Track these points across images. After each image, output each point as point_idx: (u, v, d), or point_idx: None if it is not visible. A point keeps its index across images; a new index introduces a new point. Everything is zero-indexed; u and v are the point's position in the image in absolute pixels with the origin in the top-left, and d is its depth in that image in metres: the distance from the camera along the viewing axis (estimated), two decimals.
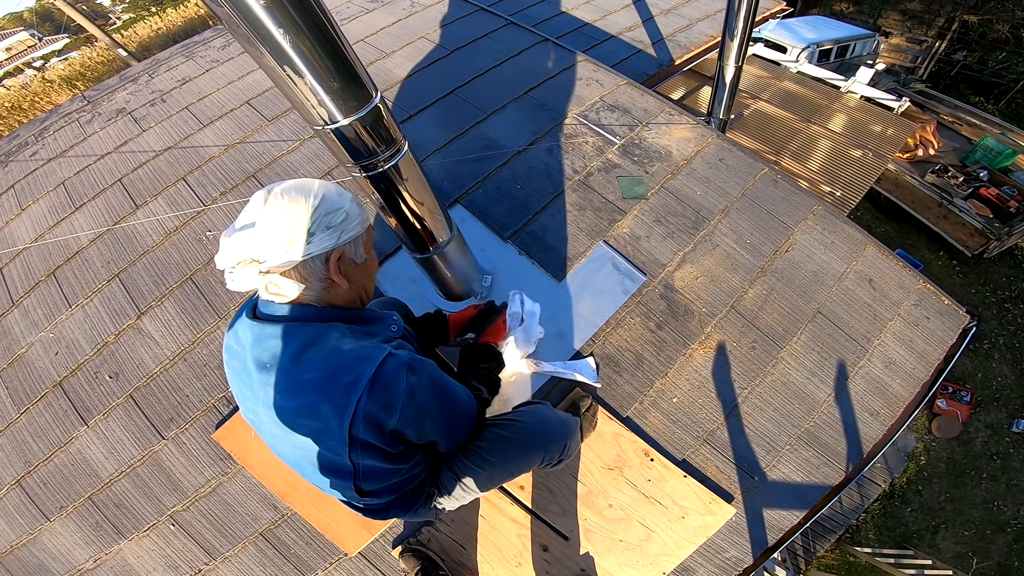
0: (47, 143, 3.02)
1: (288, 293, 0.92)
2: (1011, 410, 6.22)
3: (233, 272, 0.88)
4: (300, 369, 0.89)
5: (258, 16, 0.93)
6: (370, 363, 0.88)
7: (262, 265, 0.88)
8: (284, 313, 0.94)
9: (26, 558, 1.93)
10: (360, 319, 1.02)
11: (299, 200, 0.89)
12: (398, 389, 0.90)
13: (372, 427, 0.89)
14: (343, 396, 0.87)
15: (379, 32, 3.38)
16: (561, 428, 1.48)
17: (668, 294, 2.18)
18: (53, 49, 24.46)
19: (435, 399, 1.00)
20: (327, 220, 0.91)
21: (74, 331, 2.26)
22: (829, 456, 1.96)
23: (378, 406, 0.88)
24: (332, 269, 0.94)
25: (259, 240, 0.87)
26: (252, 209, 0.89)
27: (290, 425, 0.93)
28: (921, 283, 2.30)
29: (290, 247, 0.88)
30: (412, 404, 0.92)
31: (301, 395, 0.89)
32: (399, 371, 0.90)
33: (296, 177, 2.49)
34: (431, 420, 1.00)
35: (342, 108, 1.15)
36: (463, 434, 1.18)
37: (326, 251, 0.92)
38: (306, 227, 0.88)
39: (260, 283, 0.91)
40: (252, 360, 0.93)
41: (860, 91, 5.70)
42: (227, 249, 0.88)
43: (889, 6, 11.37)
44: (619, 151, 2.63)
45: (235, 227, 0.89)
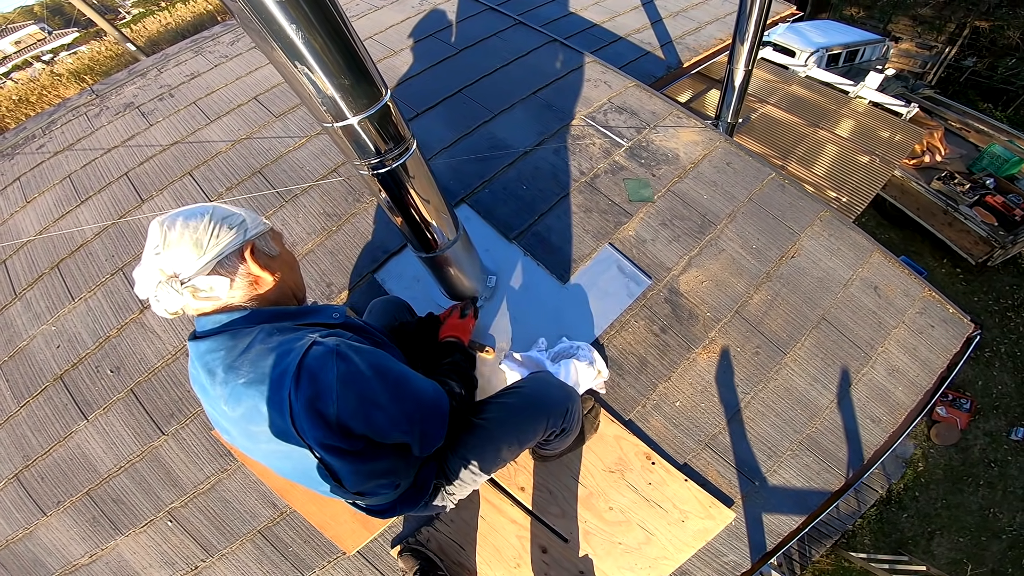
0: (54, 136, 3.03)
1: (218, 293, 0.93)
2: (1010, 418, 6.23)
3: (157, 294, 0.90)
4: (235, 376, 0.90)
5: (271, 11, 0.93)
6: (294, 355, 0.87)
7: (181, 275, 0.89)
8: (214, 326, 0.94)
9: (21, 552, 1.93)
10: (294, 314, 1.01)
11: (195, 215, 0.92)
12: (327, 377, 0.86)
13: (315, 421, 0.86)
14: (275, 392, 0.86)
15: (387, 30, 3.38)
16: (563, 392, 1.46)
17: (673, 298, 2.18)
18: (62, 43, 24.53)
19: (382, 388, 0.94)
20: (227, 221, 0.94)
21: (76, 324, 2.26)
22: (830, 462, 1.96)
23: (309, 397, 0.85)
24: (250, 262, 0.96)
25: (169, 255, 0.89)
26: (151, 237, 0.91)
27: (248, 434, 0.93)
28: (926, 291, 2.30)
29: (199, 251, 0.90)
30: (349, 392, 0.88)
31: (242, 402, 0.89)
32: (325, 359, 0.87)
33: (302, 172, 2.52)
34: (380, 412, 0.94)
35: (352, 105, 1.15)
36: (435, 430, 1.10)
37: (237, 246, 0.94)
38: (209, 231, 0.91)
39: (186, 295, 0.91)
40: (204, 379, 0.94)
41: (869, 96, 5.69)
42: (142, 277, 0.90)
43: (900, 11, 11.31)
44: (626, 153, 2.62)
45: (140, 260, 0.92)
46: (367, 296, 2.16)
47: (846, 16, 11.81)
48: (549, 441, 1.48)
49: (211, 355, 0.93)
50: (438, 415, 1.10)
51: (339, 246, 2.32)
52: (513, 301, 2.14)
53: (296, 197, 2.47)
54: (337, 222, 2.38)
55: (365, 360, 0.93)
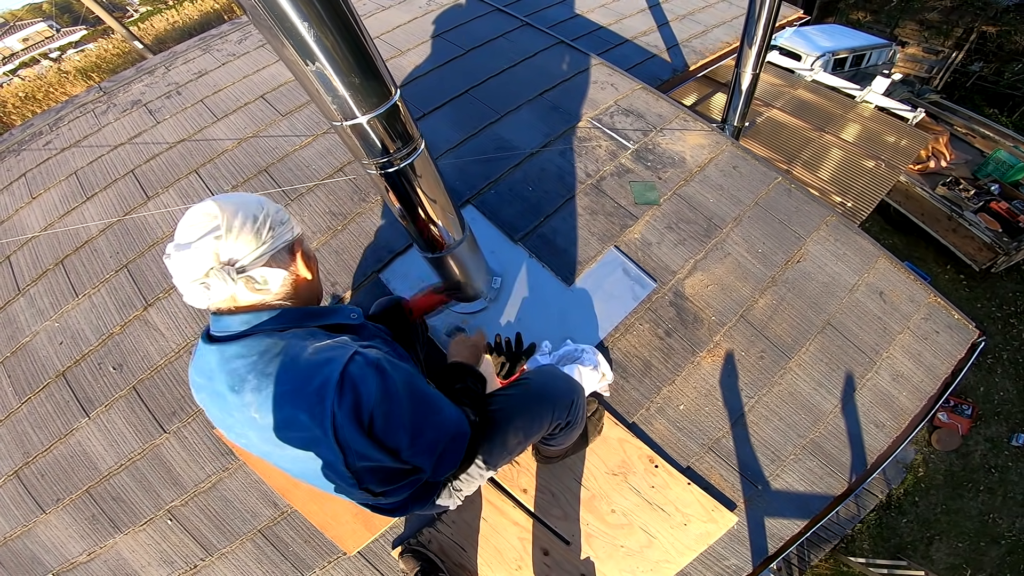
0: (61, 133, 3.03)
1: (271, 286, 0.91)
2: (1012, 424, 6.22)
3: (206, 281, 0.85)
4: (270, 383, 0.86)
5: (283, 8, 0.93)
6: (335, 364, 0.85)
7: (238, 263, 0.86)
8: (241, 328, 0.90)
9: (19, 550, 1.92)
10: (319, 314, 1.00)
11: (248, 200, 0.90)
12: (368, 387, 0.85)
13: (356, 430, 0.85)
14: (317, 403, 0.84)
15: (395, 30, 3.38)
16: (567, 384, 1.46)
17: (678, 301, 2.19)
18: (70, 40, 24.66)
19: (411, 411, 0.92)
20: (278, 216, 0.93)
21: (79, 321, 2.26)
22: (833, 467, 1.97)
23: (351, 407, 0.84)
24: (299, 260, 0.95)
25: (230, 239, 0.85)
26: (202, 219, 0.85)
27: (280, 441, 0.89)
28: (932, 297, 2.30)
29: (258, 240, 0.88)
30: (384, 408, 0.86)
31: (278, 410, 0.86)
32: (366, 370, 0.86)
33: (308, 171, 2.52)
34: (405, 434, 0.91)
35: (362, 104, 1.14)
36: (452, 458, 1.05)
37: (291, 240, 0.94)
38: (267, 222, 0.89)
39: (240, 285, 0.87)
40: (224, 386, 0.89)
41: (875, 101, 5.67)
42: (191, 262, 0.84)
43: (907, 16, 11.28)
44: (632, 156, 2.62)
45: (186, 240, 0.85)
46: (371, 296, 2.16)
47: (853, 20, 11.78)
48: (554, 435, 1.47)
49: (241, 360, 0.89)
50: (459, 445, 1.06)
51: (344, 245, 2.32)
52: (518, 303, 2.14)
53: (302, 196, 2.48)
54: (343, 221, 2.39)
55: (401, 378, 0.91)
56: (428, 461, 0.98)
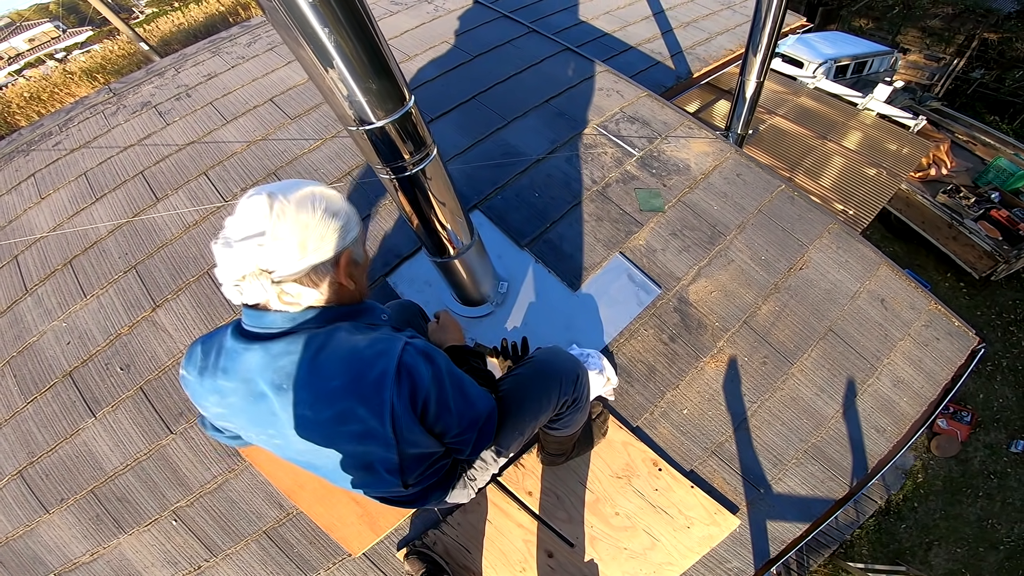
0: (71, 133, 3.06)
1: (303, 300, 0.89)
2: (1011, 431, 6.23)
3: (241, 284, 0.83)
4: (322, 378, 0.87)
5: (305, 13, 0.95)
6: (391, 356, 0.87)
7: (274, 274, 0.83)
8: (285, 326, 0.89)
9: (20, 550, 1.93)
10: (358, 311, 0.99)
11: (307, 205, 0.85)
12: (423, 376, 0.88)
13: (412, 420, 0.89)
14: (375, 395, 0.86)
15: (403, 35, 3.41)
16: (571, 360, 1.46)
17: (682, 307, 2.21)
18: (76, 41, 24.71)
19: (455, 393, 0.96)
20: (334, 222, 0.89)
21: (87, 321, 2.27)
22: (834, 471, 1.99)
23: (408, 397, 0.87)
24: (342, 272, 0.92)
25: (271, 248, 0.82)
26: (254, 216, 0.82)
27: (331, 436, 0.91)
28: (932, 304, 2.32)
29: (303, 253, 0.85)
30: (436, 392, 0.90)
31: (335, 403, 0.87)
32: (417, 358, 0.89)
33: (316, 175, 2.54)
34: (450, 416, 0.96)
35: (378, 109, 1.16)
36: (487, 435, 1.10)
37: (336, 253, 0.90)
38: (317, 231, 0.86)
39: (272, 293, 0.86)
40: (268, 385, 0.88)
41: (877, 108, 5.70)
42: (232, 261, 0.83)
43: (909, 23, 11.32)
44: (638, 163, 2.65)
45: (233, 237, 0.83)
46: (379, 300, 2.17)
47: (855, 27, 11.83)
48: (562, 415, 1.47)
49: (288, 357, 0.88)
50: (493, 422, 1.11)
51: None
52: (524, 308, 2.16)
53: None
54: None
55: (443, 363, 0.95)
56: (470, 439, 1.04)
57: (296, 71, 3.14)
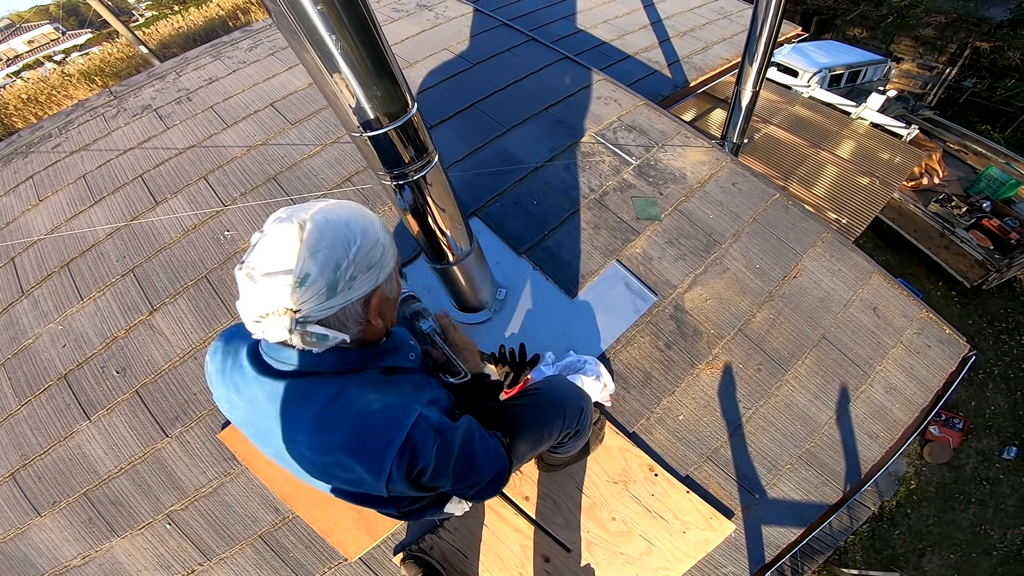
0: (71, 136, 3.05)
1: (327, 342, 0.82)
2: (1003, 437, 6.28)
3: (262, 322, 0.77)
4: (325, 429, 0.83)
5: (312, 19, 0.96)
6: (400, 428, 0.83)
7: (298, 315, 0.77)
8: (297, 366, 0.84)
9: (11, 552, 1.91)
10: (381, 353, 0.94)
11: (340, 240, 0.78)
12: (427, 453, 0.85)
13: (407, 484, 0.86)
14: (377, 460, 0.82)
15: (403, 42, 3.43)
16: (576, 392, 1.47)
17: (678, 315, 2.23)
18: (75, 43, 24.62)
19: (460, 463, 0.92)
20: (368, 260, 0.81)
21: (84, 324, 2.26)
22: (828, 476, 2.01)
23: (408, 467, 0.84)
24: (372, 312, 0.87)
25: (297, 289, 0.75)
26: (282, 249, 0.75)
27: (326, 476, 0.90)
28: (924, 312, 2.35)
29: (331, 295, 0.78)
30: (435, 466, 0.87)
31: (331, 455, 0.84)
32: (427, 434, 0.85)
33: (316, 180, 2.54)
34: (448, 480, 0.92)
35: (381, 116, 1.18)
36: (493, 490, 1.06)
37: (367, 294, 0.84)
38: (350, 272, 0.79)
39: (295, 335, 0.79)
40: (273, 419, 0.86)
41: (870, 117, 5.76)
42: (256, 296, 0.76)
43: (902, 32, 11.43)
44: (635, 171, 2.68)
45: (259, 269, 0.75)
46: None
47: (849, 37, 11.95)
48: (563, 443, 1.49)
49: (290, 402, 0.85)
50: (499, 480, 1.04)
51: None
52: (522, 314, 2.18)
53: None
54: None
55: (458, 437, 0.92)
56: (466, 493, 1.02)
57: (297, 76, 3.16)
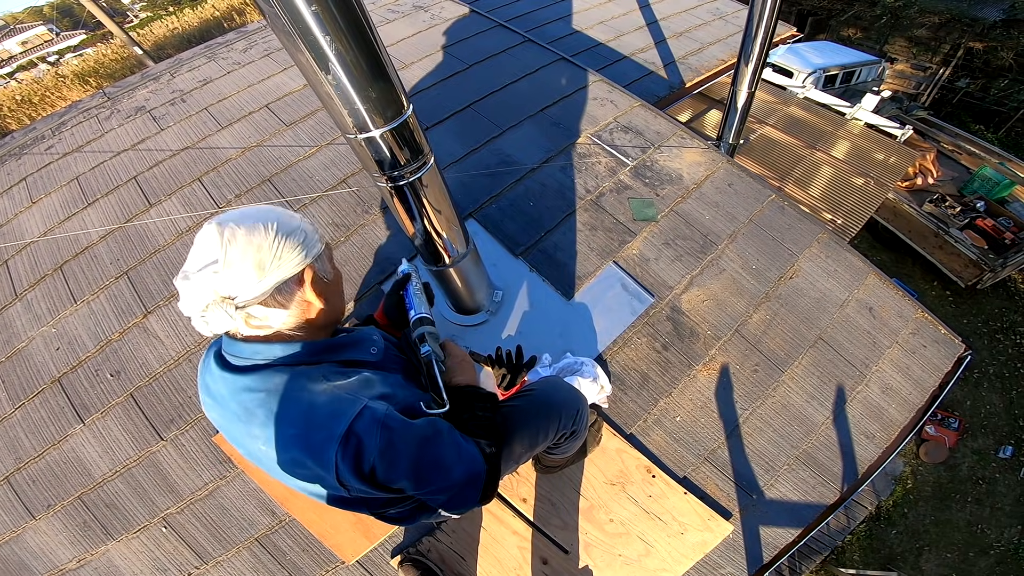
0: (64, 137, 3.03)
1: (272, 323, 0.89)
2: (998, 437, 6.31)
3: (205, 315, 0.83)
4: (279, 423, 0.86)
5: (306, 20, 0.95)
6: (342, 420, 0.83)
7: (236, 300, 0.83)
8: (252, 359, 0.88)
9: (6, 556, 1.90)
10: (336, 346, 0.97)
11: (258, 226, 0.84)
12: (369, 448, 0.84)
13: (358, 479, 0.85)
14: (322, 452, 0.84)
15: (399, 43, 3.42)
16: (572, 394, 1.47)
17: (675, 316, 2.23)
18: (69, 44, 24.54)
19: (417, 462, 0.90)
20: (291, 240, 0.87)
21: (77, 327, 2.24)
22: (825, 476, 2.01)
23: (352, 460, 0.84)
24: (308, 289, 0.91)
25: (227, 275, 0.81)
26: (206, 246, 0.82)
27: (290, 473, 0.91)
28: (920, 312, 2.36)
29: (262, 274, 0.83)
30: (386, 461, 0.86)
31: (286, 450, 0.87)
32: (371, 427, 0.84)
33: (311, 182, 2.54)
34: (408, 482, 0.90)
35: (377, 117, 1.16)
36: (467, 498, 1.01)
37: (298, 271, 0.89)
38: (273, 250, 0.84)
39: (239, 319, 0.85)
40: (234, 415, 0.90)
41: (864, 118, 5.79)
42: (192, 293, 0.82)
43: (897, 32, 11.50)
44: (631, 172, 2.68)
45: (190, 270, 0.82)
46: (372, 306, 2.18)
47: (843, 37, 12.01)
48: (559, 444, 1.49)
49: (250, 395, 0.87)
50: (473, 488, 1.01)
51: (347, 257, 2.35)
52: (519, 316, 2.17)
53: (305, 207, 2.50)
54: (346, 233, 2.41)
55: (410, 434, 0.90)
56: (438, 501, 0.99)
57: (292, 77, 3.15)
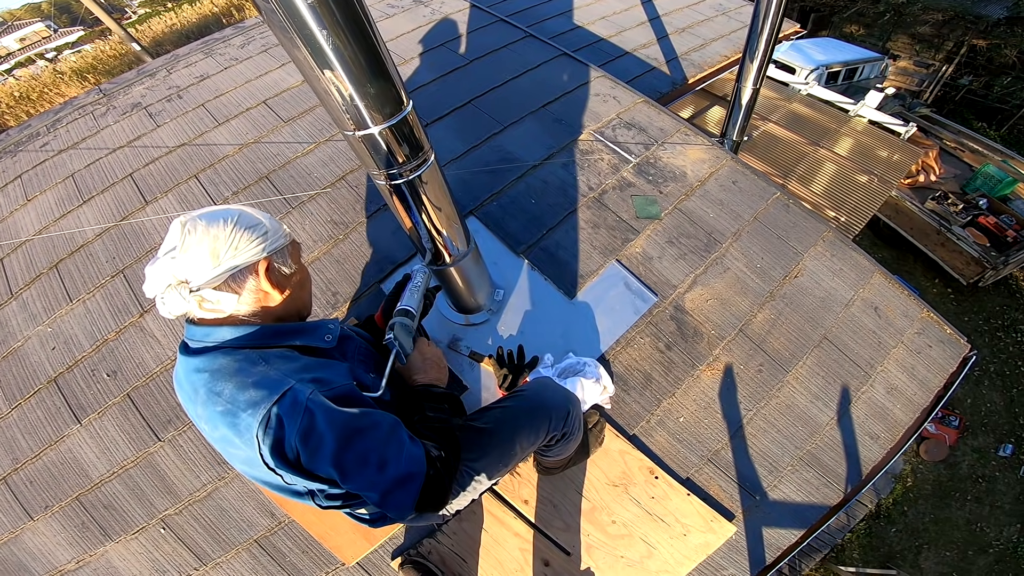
0: (59, 134, 3.00)
1: (224, 307, 0.94)
2: (998, 435, 6.32)
3: (163, 297, 0.90)
4: (214, 402, 0.89)
5: (303, 15, 0.92)
6: (263, 402, 0.86)
7: (191, 283, 0.90)
8: (203, 340, 0.94)
9: (5, 557, 1.89)
10: (287, 332, 1.01)
11: (217, 220, 0.92)
12: (289, 429, 0.85)
13: (280, 461, 0.87)
14: (245, 432, 0.86)
15: (398, 38, 3.39)
16: (563, 394, 1.47)
17: (678, 315, 2.21)
18: (67, 41, 24.51)
19: (341, 450, 0.89)
20: (249, 233, 0.94)
21: (73, 326, 2.22)
22: (829, 477, 2.00)
23: (272, 442, 0.86)
24: (263, 280, 0.96)
25: (183, 261, 0.89)
26: (171, 236, 0.91)
27: (226, 453, 0.95)
28: (925, 312, 2.34)
29: (215, 261, 0.90)
30: (307, 447, 0.86)
31: (215, 428, 0.90)
32: (292, 410, 0.86)
33: (309, 179, 2.52)
34: (334, 470, 0.89)
35: (375, 114, 1.14)
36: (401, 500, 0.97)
37: (253, 261, 0.94)
38: (228, 241, 0.91)
39: (192, 303, 0.92)
40: (186, 395, 0.96)
41: (868, 115, 5.76)
42: (153, 276, 0.90)
43: (900, 29, 11.46)
44: (634, 170, 2.65)
45: (158, 256, 0.91)
46: (372, 306, 2.16)
47: (846, 34, 11.97)
48: (551, 446, 1.48)
49: (198, 375, 0.93)
50: (409, 487, 0.98)
51: (346, 255, 2.32)
52: (520, 316, 2.15)
53: (303, 204, 2.47)
54: (344, 230, 2.38)
55: (336, 420, 0.89)
56: (371, 496, 0.96)
57: (290, 73, 3.11)
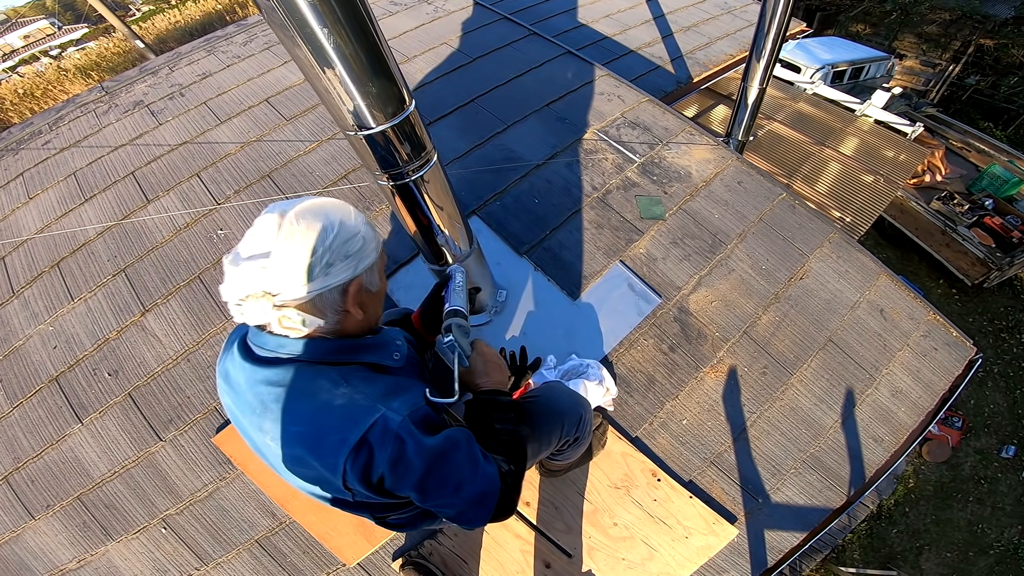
0: (61, 132, 3.00)
1: (305, 327, 0.86)
2: (1001, 436, 6.29)
3: (242, 305, 0.81)
4: (289, 420, 0.85)
5: (304, 13, 0.91)
6: (357, 427, 0.82)
7: (276, 298, 0.81)
8: (276, 351, 0.87)
9: (7, 556, 1.90)
10: (360, 347, 0.94)
11: (316, 227, 0.82)
12: (383, 456, 0.83)
13: (365, 486, 0.85)
14: (331, 456, 0.83)
15: (401, 36, 3.37)
16: (575, 399, 1.46)
17: (682, 317, 2.19)
18: (71, 38, 24.52)
19: (424, 474, 0.86)
20: (345, 248, 0.85)
21: (75, 325, 2.22)
22: (832, 480, 1.98)
23: (361, 469, 0.83)
24: (350, 301, 0.89)
25: (274, 272, 0.79)
26: (263, 235, 0.81)
27: (293, 471, 0.90)
28: (931, 314, 2.32)
29: (308, 279, 0.81)
30: (394, 473, 0.84)
31: (290, 447, 0.86)
32: (385, 440, 0.83)
33: (311, 177, 2.50)
34: (417, 494, 0.88)
35: (377, 113, 1.12)
36: (478, 517, 0.97)
37: (344, 282, 0.86)
38: (326, 258, 0.82)
39: (273, 317, 0.83)
40: (248, 406, 0.90)
41: (874, 115, 5.72)
42: (236, 280, 0.80)
43: (906, 28, 11.39)
44: (639, 169, 2.63)
45: (241, 254, 0.81)
46: None
47: (852, 33, 11.89)
48: (562, 451, 1.47)
49: (267, 388, 0.87)
50: (486, 506, 0.96)
51: None
52: (523, 317, 2.14)
53: None
54: None
55: (423, 447, 0.86)
56: (447, 514, 0.96)
57: (292, 71, 3.10)
